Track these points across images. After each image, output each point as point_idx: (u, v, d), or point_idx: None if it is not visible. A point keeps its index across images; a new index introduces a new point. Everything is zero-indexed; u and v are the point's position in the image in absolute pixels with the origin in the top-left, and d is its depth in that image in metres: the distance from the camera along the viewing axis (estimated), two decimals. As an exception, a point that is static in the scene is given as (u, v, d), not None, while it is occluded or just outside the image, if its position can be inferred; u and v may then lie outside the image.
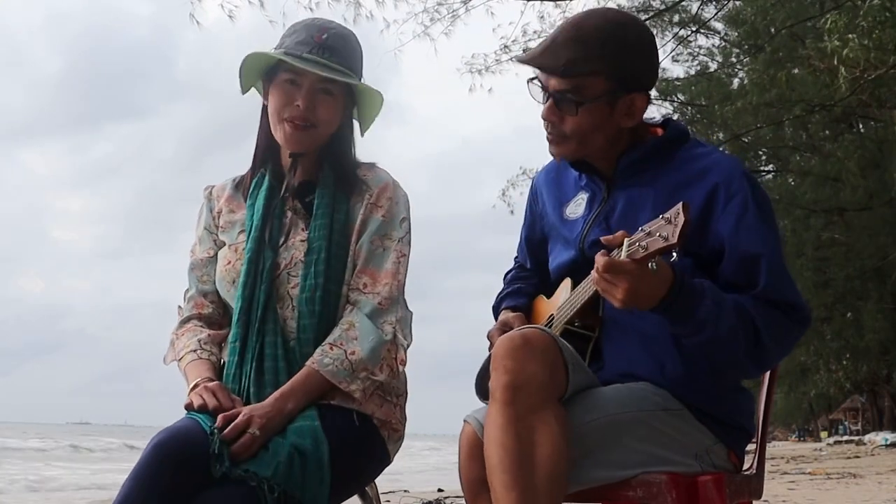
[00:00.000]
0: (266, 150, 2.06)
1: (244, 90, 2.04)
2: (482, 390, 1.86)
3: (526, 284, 2.15)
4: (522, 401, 1.59)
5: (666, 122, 1.94)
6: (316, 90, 1.94)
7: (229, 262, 1.99)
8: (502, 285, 2.21)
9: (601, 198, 1.91)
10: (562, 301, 1.91)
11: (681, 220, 1.45)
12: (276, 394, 1.80)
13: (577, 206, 1.96)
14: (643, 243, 1.51)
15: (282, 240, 1.97)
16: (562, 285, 1.95)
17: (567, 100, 1.79)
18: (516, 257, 2.27)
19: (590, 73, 1.77)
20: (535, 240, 2.14)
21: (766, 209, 1.77)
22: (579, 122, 1.80)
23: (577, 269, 1.89)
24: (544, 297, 2.06)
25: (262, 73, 2.02)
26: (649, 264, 1.51)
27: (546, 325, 1.93)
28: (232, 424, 1.71)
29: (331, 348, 1.84)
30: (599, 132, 1.82)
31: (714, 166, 1.80)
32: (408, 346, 1.95)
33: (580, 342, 1.82)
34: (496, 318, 2.10)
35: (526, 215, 2.18)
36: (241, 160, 2.12)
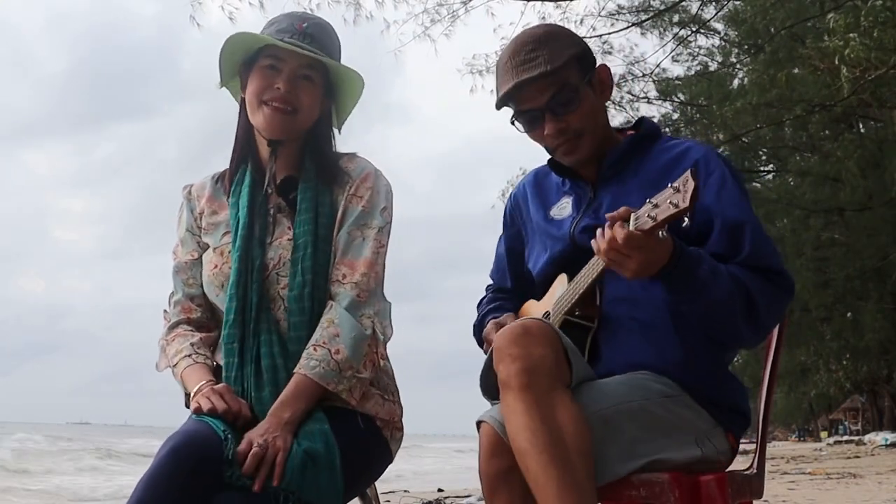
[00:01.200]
0: (245, 144, 2.03)
1: (223, 81, 2.02)
2: (487, 390, 1.85)
3: (505, 302, 2.17)
4: (537, 383, 1.59)
5: (639, 121, 2.05)
6: (297, 76, 1.94)
7: (216, 266, 1.96)
8: (477, 312, 2.21)
9: (588, 198, 1.98)
10: (559, 295, 1.91)
11: (690, 185, 1.49)
12: (272, 409, 1.78)
13: (561, 210, 2.02)
14: (651, 214, 1.54)
15: (269, 239, 1.94)
16: (556, 281, 1.96)
17: (564, 99, 1.89)
18: (489, 286, 2.28)
19: (565, 63, 1.88)
20: (517, 251, 2.16)
21: (741, 184, 1.89)
22: (583, 111, 1.91)
23: (567, 261, 1.92)
24: (534, 301, 2.06)
25: (240, 64, 2.00)
26: (659, 233, 1.55)
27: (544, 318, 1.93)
28: (239, 449, 1.67)
29: (315, 349, 1.82)
30: (599, 113, 1.96)
31: (690, 148, 1.94)
32: (386, 339, 1.93)
33: (579, 333, 1.83)
34: (479, 340, 2.11)
35: (505, 229, 2.20)
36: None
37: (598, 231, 1.66)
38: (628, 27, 12.78)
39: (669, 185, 1.53)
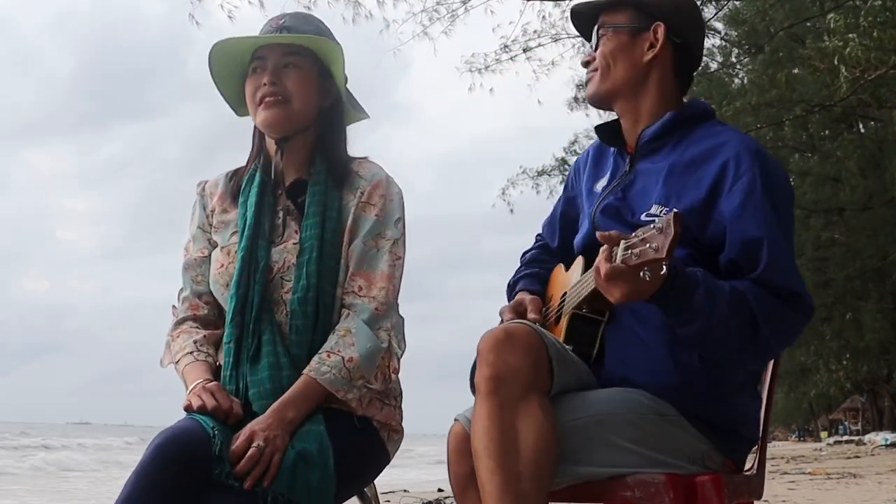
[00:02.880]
0: (259, 146, 2.05)
1: (237, 110, 2.08)
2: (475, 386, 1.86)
3: (543, 270, 2.14)
4: (505, 391, 1.61)
5: (690, 101, 1.99)
6: (280, 65, 1.95)
7: (222, 265, 1.97)
8: (518, 265, 2.20)
9: (623, 170, 1.94)
10: (573, 281, 1.90)
11: (671, 232, 1.45)
12: (276, 405, 1.77)
13: (604, 180, 1.99)
14: (636, 250, 1.50)
15: (276, 241, 1.94)
16: (576, 262, 1.95)
17: (597, 33, 1.95)
18: (539, 234, 2.25)
19: (621, 3, 1.93)
20: (568, 217, 2.15)
21: (776, 191, 1.75)
22: (603, 51, 1.94)
23: (591, 242, 1.87)
24: (563, 268, 2.04)
25: (238, 86, 2.03)
26: (640, 273, 1.51)
27: (559, 304, 1.94)
28: (237, 443, 1.69)
29: (328, 356, 1.82)
30: (620, 62, 1.93)
31: (725, 144, 1.81)
32: (401, 354, 1.93)
33: (589, 326, 1.81)
34: (510, 298, 2.09)
35: (565, 191, 2.19)
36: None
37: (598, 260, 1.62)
38: (628, 27, 12.75)
39: (653, 225, 1.49)
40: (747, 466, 1.92)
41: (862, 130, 17.47)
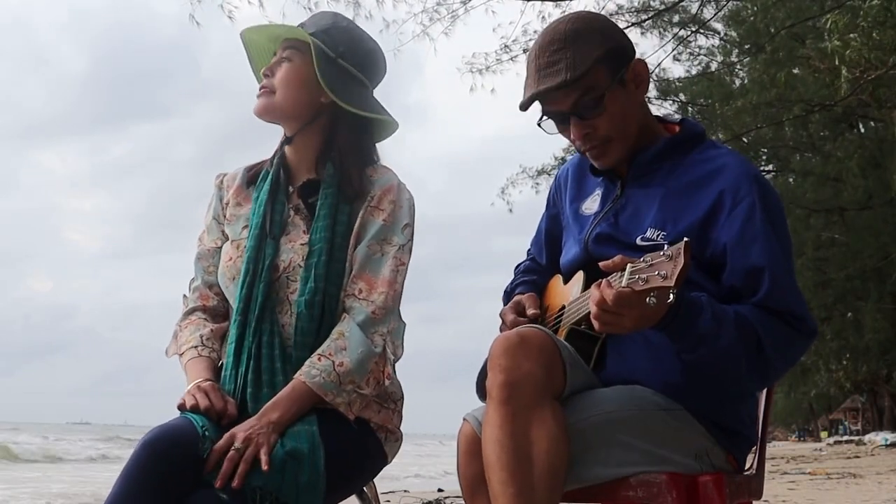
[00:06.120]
0: (282, 143, 2.07)
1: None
2: (482, 390, 1.86)
3: (540, 278, 2.13)
4: (518, 398, 1.59)
5: (682, 121, 1.95)
6: (281, 58, 2.00)
7: (231, 259, 1.97)
8: (513, 276, 2.20)
9: (614, 195, 1.91)
10: (573, 296, 1.89)
11: (681, 261, 1.44)
12: (262, 409, 1.77)
13: (592, 203, 1.97)
14: (643, 276, 1.49)
15: (282, 238, 1.94)
16: (575, 276, 1.93)
17: (588, 104, 1.81)
18: (529, 250, 2.25)
19: (588, 70, 1.79)
20: (554, 234, 2.12)
21: (774, 216, 1.76)
22: (610, 116, 1.82)
23: (582, 267, 1.89)
24: (560, 280, 2.03)
25: None
26: (647, 299, 1.50)
27: (556, 317, 1.93)
28: (219, 443, 1.68)
29: (319, 359, 1.81)
30: (630, 115, 1.86)
31: (723, 170, 1.79)
32: (397, 359, 1.92)
33: (587, 343, 1.81)
34: (506, 304, 2.07)
35: (547, 208, 2.17)
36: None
37: (593, 288, 1.60)
38: (628, 27, 12.77)
39: (663, 252, 1.48)
40: (747, 466, 1.93)
41: (862, 130, 17.48)
